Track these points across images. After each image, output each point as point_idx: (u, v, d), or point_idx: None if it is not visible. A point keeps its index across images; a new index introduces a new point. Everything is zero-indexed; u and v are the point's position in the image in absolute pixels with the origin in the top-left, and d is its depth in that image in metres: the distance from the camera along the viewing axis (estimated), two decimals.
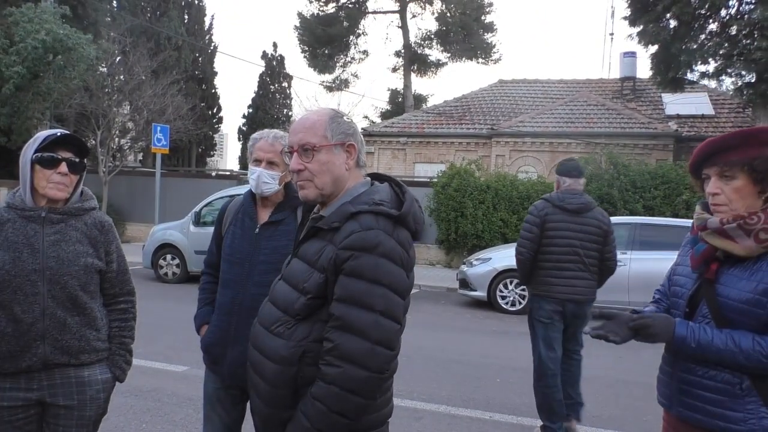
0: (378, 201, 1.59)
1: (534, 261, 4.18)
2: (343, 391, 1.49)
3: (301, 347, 1.58)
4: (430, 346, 6.87)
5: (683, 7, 13.47)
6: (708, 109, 18.89)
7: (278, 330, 1.62)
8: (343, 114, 1.73)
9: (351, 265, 1.52)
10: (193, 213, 10.84)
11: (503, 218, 13.55)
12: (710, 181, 1.84)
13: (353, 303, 1.51)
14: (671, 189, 12.73)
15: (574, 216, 4.13)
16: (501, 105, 21.27)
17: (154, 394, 4.83)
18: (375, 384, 1.53)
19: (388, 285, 1.53)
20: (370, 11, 29.10)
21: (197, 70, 28.89)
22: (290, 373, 1.58)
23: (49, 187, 2.10)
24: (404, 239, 1.59)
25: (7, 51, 14.24)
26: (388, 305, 1.53)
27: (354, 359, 1.49)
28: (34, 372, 2.10)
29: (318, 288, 1.57)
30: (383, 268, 1.52)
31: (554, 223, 4.12)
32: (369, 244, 1.52)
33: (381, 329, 1.51)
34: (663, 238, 8.86)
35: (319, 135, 1.64)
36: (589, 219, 4.16)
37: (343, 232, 1.55)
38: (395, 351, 1.57)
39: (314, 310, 1.59)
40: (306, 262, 1.64)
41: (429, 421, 4.53)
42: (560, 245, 4.10)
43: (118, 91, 17.99)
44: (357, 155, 1.70)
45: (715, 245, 1.81)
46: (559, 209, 4.14)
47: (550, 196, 4.26)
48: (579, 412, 4.39)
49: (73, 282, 2.12)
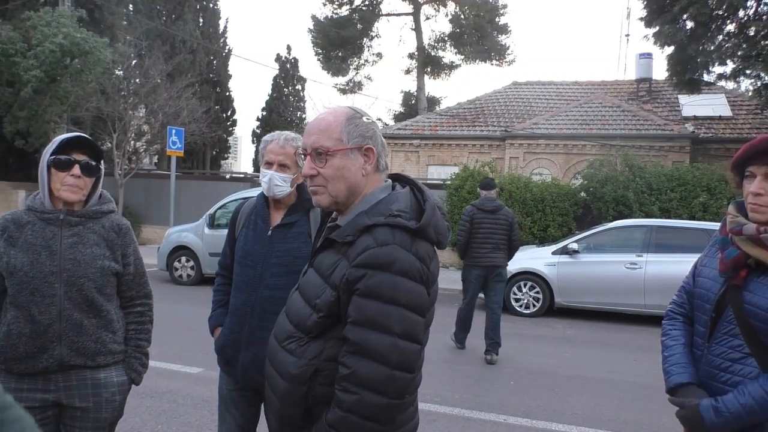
0: (396, 212, 1.47)
1: (468, 243, 6.45)
2: (359, 419, 1.40)
3: (312, 366, 1.48)
4: (443, 348, 6.85)
5: (700, 7, 13.33)
6: (725, 110, 18.66)
7: (290, 346, 1.54)
8: (363, 114, 1.59)
9: (366, 285, 1.41)
10: (208, 215, 10.90)
11: (517, 221, 13.48)
12: (755, 180, 1.76)
13: (369, 326, 1.40)
14: (688, 191, 12.60)
15: (490, 214, 6.44)
16: (515, 107, 21.19)
17: (169, 396, 4.86)
18: (394, 410, 1.43)
19: (405, 305, 1.42)
20: (384, 14, 29.13)
21: (212, 73, 29.11)
22: (300, 392, 1.50)
23: (63, 189, 2.11)
24: (424, 253, 1.47)
25: (26, 55, 14.43)
26: (406, 326, 1.42)
27: (372, 386, 1.39)
28: (51, 373, 2.12)
29: (330, 306, 1.47)
30: (401, 287, 1.41)
31: (478, 219, 6.41)
32: (384, 262, 1.40)
33: (400, 352, 1.41)
34: (679, 241, 8.78)
35: (334, 138, 1.52)
36: (500, 215, 6.46)
37: (356, 248, 1.44)
38: (415, 373, 1.47)
39: (327, 327, 1.50)
40: (320, 274, 1.54)
41: (443, 424, 4.52)
42: (483, 233, 6.41)
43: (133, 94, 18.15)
44: (376, 159, 1.56)
45: (748, 252, 1.74)
46: (481, 210, 6.45)
47: (475, 202, 6.60)
48: (497, 350, 6.42)
49: (89, 284, 2.13)
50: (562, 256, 9.29)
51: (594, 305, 9.15)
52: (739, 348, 1.76)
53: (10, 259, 2.08)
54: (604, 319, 9.07)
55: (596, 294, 9.06)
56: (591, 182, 13.45)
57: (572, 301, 9.21)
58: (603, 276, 9.02)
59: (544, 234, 13.29)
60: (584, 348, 7.36)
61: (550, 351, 7.08)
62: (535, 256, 9.62)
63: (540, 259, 9.45)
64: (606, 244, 9.38)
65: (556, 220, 13.40)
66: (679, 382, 1.89)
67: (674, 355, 1.95)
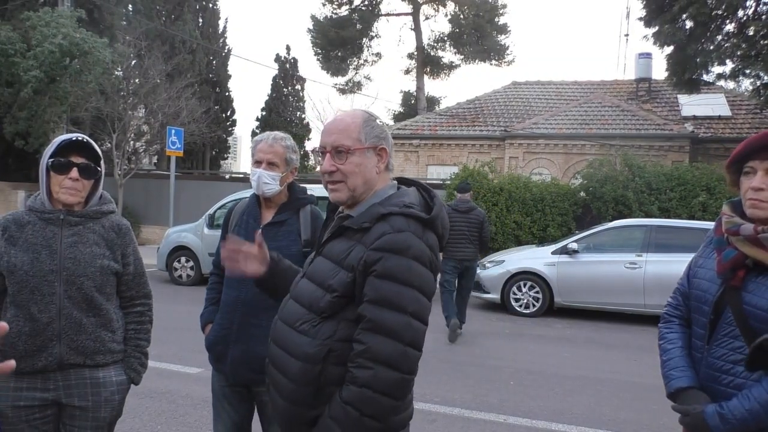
0: (408, 203, 1.60)
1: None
2: (376, 393, 1.48)
3: (326, 346, 1.56)
4: (443, 348, 6.85)
5: (700, 7, 13.34)
6: (725, 110, 18.67)
7: (303, 327, 1.61)
8: (376, 117, 1.74)
9: (383, 267, 1.51)
10: (207, 215, 10.90)
11: (517, 220, 13.49)
12: (756, 175, 1.75)
13: (385, 305, 1.50)
14: (687, 191, 12.61)
15: (464, 214, 7.41)
16: (514, 107, 21.20)
17: (168, 396, 4.85)
18: (406, 385, 1.54)
19: (418, 287, 1.54)
20: (383, 14, 29.13)
21: (211, 74, 29.10)
22: (315, 371, 1.57)
23: (61, 192, 2.13)
24: (433, 243, 1.60)
25: (25, 55, 14.42)
26: (418, 307, 1.54)
27: (387, 361, 1.48)
28: (50, 372, 2.12)
29: (345, 287, 1.56)
30: (414, 270, 1.53)
31: (453, 218, 7.17)
32: (400, 246, 1.52)
33: (412, 331, 1.52)
34: (679, 241, 8.75)
35: (353, 138, 1.65)
36: (473, 215, 7.44)
37: (373, 234, 1.55)
38: (421, 352, 1.58)
39: (339, 308, 1.58)
40: (332, 260, 1.63)
41: (442, 424, 4.52)
42: (457, 230, 7.26)
43: (133, 94, 18.15)
44: (388, 159, 1.71)
45: (746, 252, 1.72)
46: (456, 210, 7.39)
47: (451, 203, 7.66)
48: (461, 326, 7.44)
49: (89, 283, 2.14)
50: (562, 256, 9.29)
51: (594, 305, 9.15)
52: (740, 349, 1.73)
53: (11, 258, 2.09)
54: (604, 319, 9.06)
55: (596, 294, 9.05)
56: (590, 182, 13.45)
57: (572, 301, 9.21)
58: (603, 276, 9.01)
59: (544, 234, 13.29)
60: (584, 348, 7.36)
61: (550, 351, 7.08)
62: (535, 255, 9.62)
63: (540, 259, 9.45)
64: (606, 243, 9.37)
65: (556, 219, 13.39)
66: (679, 386, 1.86)
67: (673, 358, 1.92)
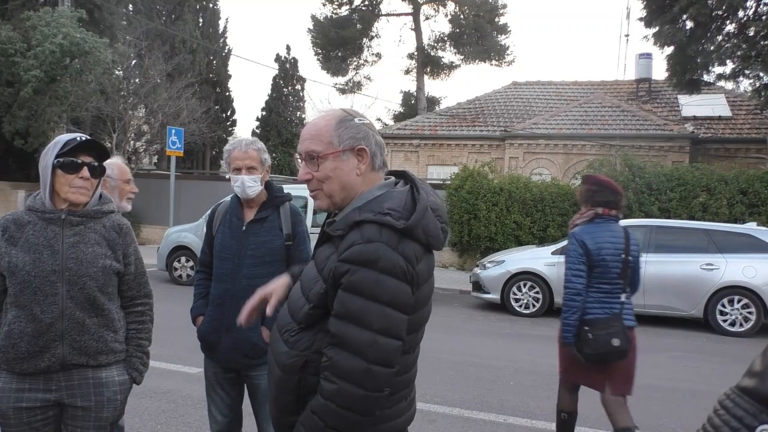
0: (387, 209, 1.48)
1: None
2: (339, 408, 1.44)
3: (303, 357, 1.53)
4: (443, 348, 6.86)
5: (700, 8, 13.34)
6: (725, 110, 18.67)
7: (285, 336, 1.59)
8: (355, 115, 1.63)
9: (349, 281, 1.45)
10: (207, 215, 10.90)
11: (517, 221, 13.50)
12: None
13: (350, 320, 1.44)
14: (687, 191, 12.60)
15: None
16: (514, 107, 21.19)
17: (168, 396, 4.86)
18: (373, 402, 1.46)
19: (387, 302, 1.44)
20: (384, 14, 29.14)
21: (211, 73, 29.07)
22: (293, 381, 1.55)
23: (71, 191, 2.13)
24: (411, 253, 1.48)
25: (25, 55, 14.43)
26: (387, 323, 1.44)
27: (350, 378, 1.43)
28: (53, 373, 2.12)
29: (318, 298, 1.52)
30: (383, 284, 1.43)
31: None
32: (368, 259, 1.43)
33: (378, 348, 1.43)
34: (679, 241, 8.75)
35: (325, 142, 1.56)
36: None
37: (345, 242, 1.48)
38: (394, 368, 1.49)
39: (316, 319, 1.54)
40: (317, 267, 1.60)
41: (442, 424, 4.52)
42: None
43: (133, 94, 18.17)
44: (370, 159, 1.59)
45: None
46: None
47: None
48: None
49: (91, 283, 2.14)
50: (562, 256, 9.26)
51: None
52: None
53: (12, 259, 2.09)
54: None
55: None
56: None
57: None
58: None
59: (544, 234, 13.29)
60: None
61: (550, 351, 7.06)
62: (535, 256, 9.62)
63: (540, 259, 9.44)
64: None
65: (556, 220, 13.39)
66: None
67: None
